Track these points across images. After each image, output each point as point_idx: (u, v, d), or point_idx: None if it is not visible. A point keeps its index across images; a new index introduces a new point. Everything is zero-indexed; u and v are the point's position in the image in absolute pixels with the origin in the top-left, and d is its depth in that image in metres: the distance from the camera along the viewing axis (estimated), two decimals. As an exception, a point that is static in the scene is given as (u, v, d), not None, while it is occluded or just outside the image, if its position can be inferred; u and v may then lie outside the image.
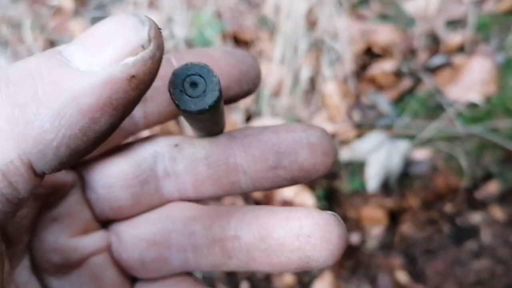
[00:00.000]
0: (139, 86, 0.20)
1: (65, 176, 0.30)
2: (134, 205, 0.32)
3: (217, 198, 0.32)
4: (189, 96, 0.24)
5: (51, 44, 1.61)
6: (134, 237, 0.32)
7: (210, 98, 0.25)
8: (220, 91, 0.25)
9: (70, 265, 0.31)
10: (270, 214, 0.28)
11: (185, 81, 0.24)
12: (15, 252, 0.29)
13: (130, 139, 0.33)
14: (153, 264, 0.32)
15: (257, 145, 0.30)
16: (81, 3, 1.77)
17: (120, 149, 0.31)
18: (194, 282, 0.32)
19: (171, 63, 0.30)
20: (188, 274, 0.33)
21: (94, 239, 0.32)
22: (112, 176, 0.31)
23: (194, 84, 0.25)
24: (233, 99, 0.32)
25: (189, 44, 1.52)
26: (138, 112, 0.30)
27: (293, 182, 0.31)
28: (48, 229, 0.31)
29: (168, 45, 1.49)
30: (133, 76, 0.19)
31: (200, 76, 0.25)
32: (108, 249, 0.32)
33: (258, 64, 0.32)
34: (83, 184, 0.31)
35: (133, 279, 0.33)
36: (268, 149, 0.30)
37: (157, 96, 0.30)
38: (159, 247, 0.31)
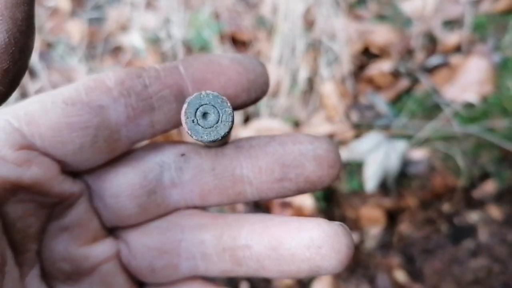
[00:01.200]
0: None
1: (72, 186, 0.30)
2: (141, 214, 0.32)
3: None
4: (202, 127, 0.25)
5: (48, 45, 1.61)
6: (144, 245, 0.32)
7: (222, 130, 0.25)
8: (233, 121, 0.25)
9: (81, 273, 0.31)
10: (280, 225, 0.29)
11: (198, 110, 0.25)
12: (24, 261, 0.29)
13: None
14: (162, 271, 0.32)
15: (264, 157, 0.30)
16: (78, 4, 1.77)
17: (126, 157, 0.31)
18: (204, 283, 0.33)
19: (179, 71, 0.30)
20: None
21: (104, 248, 0.32)
22: (119, 186, 0.31)
23: (207, 115, 0.25)
24: (240, 107, 0.32)
25: (187, 44, 1.52)
26: (145, 121, 0.30)
27: (298, 192, 0.31)
28: (57, 238, 0.31)
29: (166, 46, 1.50)
30: None
31: (214, 106, 0.25)
32: (117, 256, 0.33)
33: (267, 71, 0.32)
34: (90, 193, 0.32)
35: (141, 284, 0.34)
36: (274, 161, 0.30)
37: (164, 105, 0.30)
38: (169, 255, 0.32)
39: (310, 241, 0.28)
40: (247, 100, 0.31)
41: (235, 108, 0.31)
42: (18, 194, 0.28)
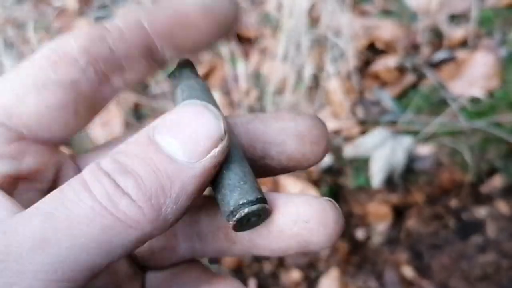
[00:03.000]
0: (218, 168, 0.25)
1: (69, 171, 0.31)
2: None
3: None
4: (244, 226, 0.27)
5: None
6: None
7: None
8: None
9: None
10: (270, 202, 0.29)
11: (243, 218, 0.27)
12: None
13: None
14: (161, 253, 0.32)
15: (245, 134, 0.30)
16: (85, 3, 1.78)
17: (113, 142, 0.32)
18: (202, 269, 0.33)
19: (144, 28, 0.29)
20: (196, 261, 0.33)
21: None
22: None
23: (250, 220, 0.27)
24: (206, 47, 0.31)
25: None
26: (117, 81, 0.29)
27: (283, 170, 0.31)
28: None
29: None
30: (218, 163, 0.25)
31: (259, 215, 0.27)
32: None
33: (237, 7, 0.30)
34: None
35: (143, 269, 0.34)
36: (255, 139, 0.30)
37: (134, 65, 0.29)
38: (166, 237, 0.32)
39: (297, 216, 0.28)
40: (215, 41, 0.30)
41: (200, 47, 0.30)
42: (18, 185, 0.28)
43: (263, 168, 0.30)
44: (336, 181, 1.21)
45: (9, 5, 1.71)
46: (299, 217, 0.28)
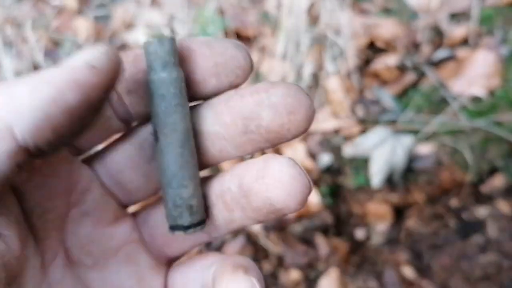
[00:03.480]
0: (99, 74, 0.25)
1: (81, 173, 0.31)
2: (147, 183, 0.33)
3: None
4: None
5: (55, 43, 1.62)
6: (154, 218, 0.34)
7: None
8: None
9: (108, 254, 0.32)
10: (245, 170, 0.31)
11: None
12: (45, 249, 0.30)
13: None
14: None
15: (227, 111, 0.30)
16: (83, 2, 1.78)
17: (122, 136, 0.33)
18: (217, 255, 0.34)
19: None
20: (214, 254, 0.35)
21: (126, 227, 0.33)
22: (120, 162, 0.32)
23: None
24: (212, 93, 0.31)
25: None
26: (127, 101, 0.31)
27: (270, 143, 0.31)
28: (81, 223, 0.31)
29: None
30: (93, 66, 0.24)
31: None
32: (138, 232, 0.34)
33: (243, 54, 0.31)
34: (100, 177, 0.33)
35: (167, 264, 0.35)
36: (236, 115, 0.30)
37: (138, 90, 0.31)
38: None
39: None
40: (219, 85, 0.31)
41: (209, 95, 0.31)
42: (33, 179, 0.29)
43: (249, 143, 0.31)
44: (335, 181, 1.21)
45: (8, 4, 1.71)
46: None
